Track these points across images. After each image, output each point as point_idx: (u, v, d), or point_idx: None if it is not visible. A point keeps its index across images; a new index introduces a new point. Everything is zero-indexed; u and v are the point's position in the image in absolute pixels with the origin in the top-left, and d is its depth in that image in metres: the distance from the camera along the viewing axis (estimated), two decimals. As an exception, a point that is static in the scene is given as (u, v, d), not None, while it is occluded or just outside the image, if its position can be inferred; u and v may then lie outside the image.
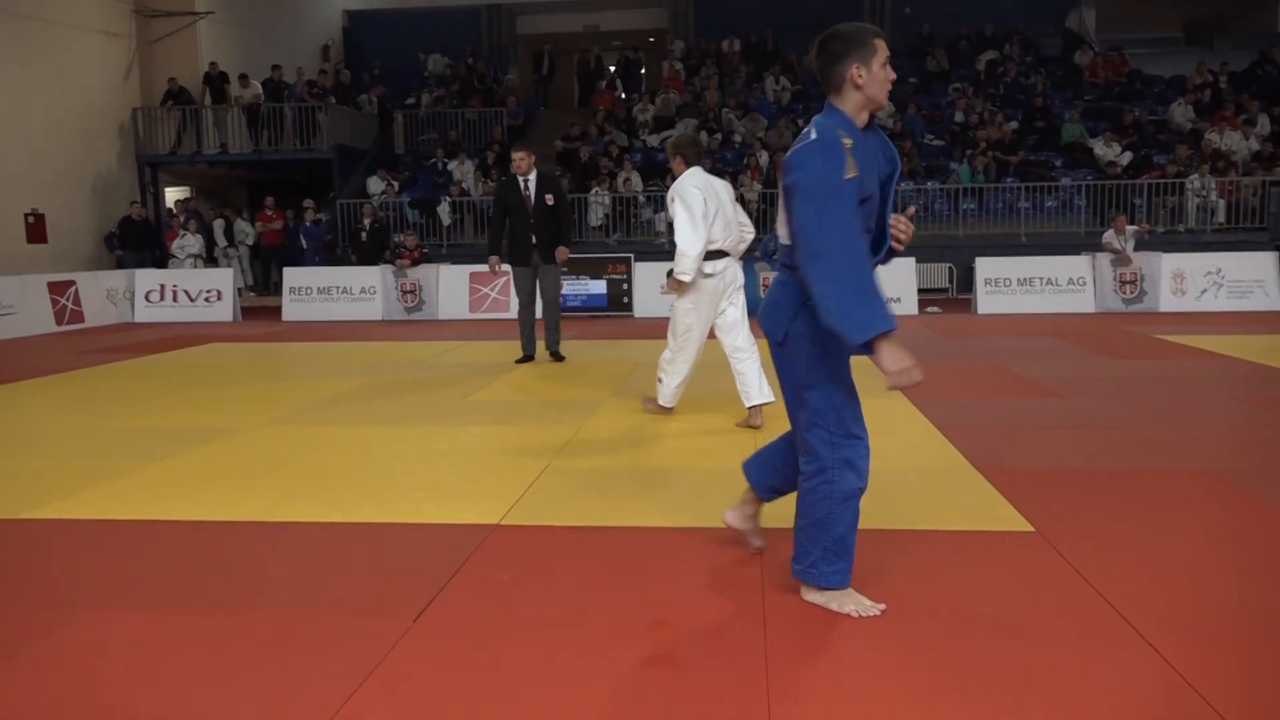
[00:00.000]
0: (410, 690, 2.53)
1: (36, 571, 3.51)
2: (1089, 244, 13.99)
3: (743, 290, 5.77)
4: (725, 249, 5.60)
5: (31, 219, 15.33)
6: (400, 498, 4.29)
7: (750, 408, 5.64)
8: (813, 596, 3.00)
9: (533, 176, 8.29)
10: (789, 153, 2.78)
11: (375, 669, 2.63)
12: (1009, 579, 3.23)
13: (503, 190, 8.55)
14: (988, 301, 13.04)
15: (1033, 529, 3.70)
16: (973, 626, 2.85)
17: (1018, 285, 13.06)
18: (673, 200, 5.54)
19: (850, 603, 2.95)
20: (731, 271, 5.68)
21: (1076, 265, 13.09)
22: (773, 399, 5.41)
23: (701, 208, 5.42)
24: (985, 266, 13.16)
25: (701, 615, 2.97)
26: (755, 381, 5.60)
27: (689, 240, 5.42)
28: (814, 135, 2.74)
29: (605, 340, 10.27)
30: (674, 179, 5.69)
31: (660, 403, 5.99)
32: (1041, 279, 13.06)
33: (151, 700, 2.50)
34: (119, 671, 2.67)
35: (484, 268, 13.39)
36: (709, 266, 5.59)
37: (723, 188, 5.67)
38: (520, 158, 8.28)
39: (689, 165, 5.65)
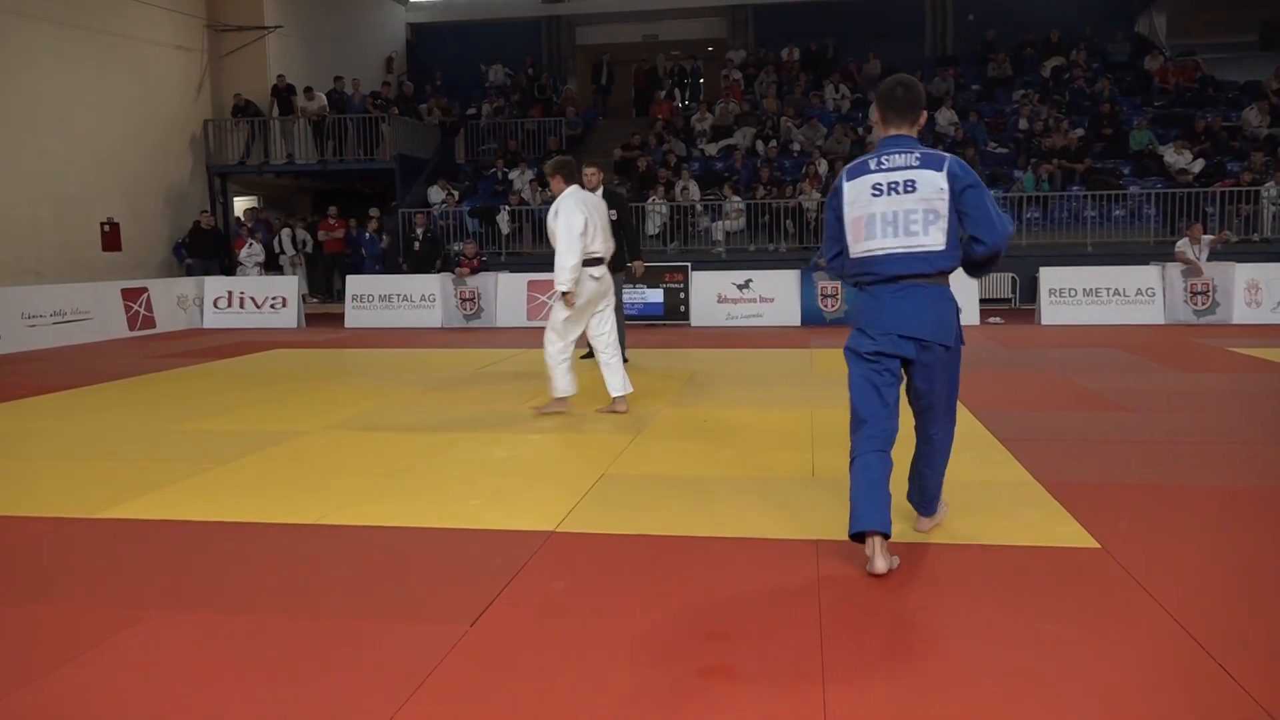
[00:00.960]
0: (465, 695, 2.55)
1: (107, 570, 3.62)
2: (1158, 254, 13.64)
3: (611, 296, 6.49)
4: (604, 257, 6.28)
5: (107, 228, 15.83)
6: (458, 503, 4.34)
7: (616, 397, 6.43)
8: (927, 525, 3.78)
9: (599, 192, 8.64)
10: (948, 166, 3.32)
11: (432, 673, 2.65)
12: (1074, 596, 3.15)
13: None
14: (1052, 312, 12.77)
15: (1098, 545, 3.60)
16: (1036, 644, 2.79)
17: (1083, 296, 12.77)
18: (555, 216, 6.11)
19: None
20: (609, 278, 6.40)
21: (1145, 275, 12.77)
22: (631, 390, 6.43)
23: (581, 225, 6.04)
24: (1050, 276, 12.90)
25: (757, 627, 2.95)
26: (620, 373, 6.43)
27: (565, 254, 6.01)
28: (947, 156, 3.37)
29: (662, 349, 10.27)
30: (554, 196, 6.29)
31: (558, 396, 6.45)
32: (1108, 289, 12.75)
33: (211, 701, 2.56)
34: (181, 671, 2.73)
35: (542, 276, 13.67)
36: (596, 271, 6.23)
37: (597, 203, 6.40)
38: (590, 174, 8.84)
39: (568, 184, 6.26)
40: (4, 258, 13.83)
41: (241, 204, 19.49)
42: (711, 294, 13.30)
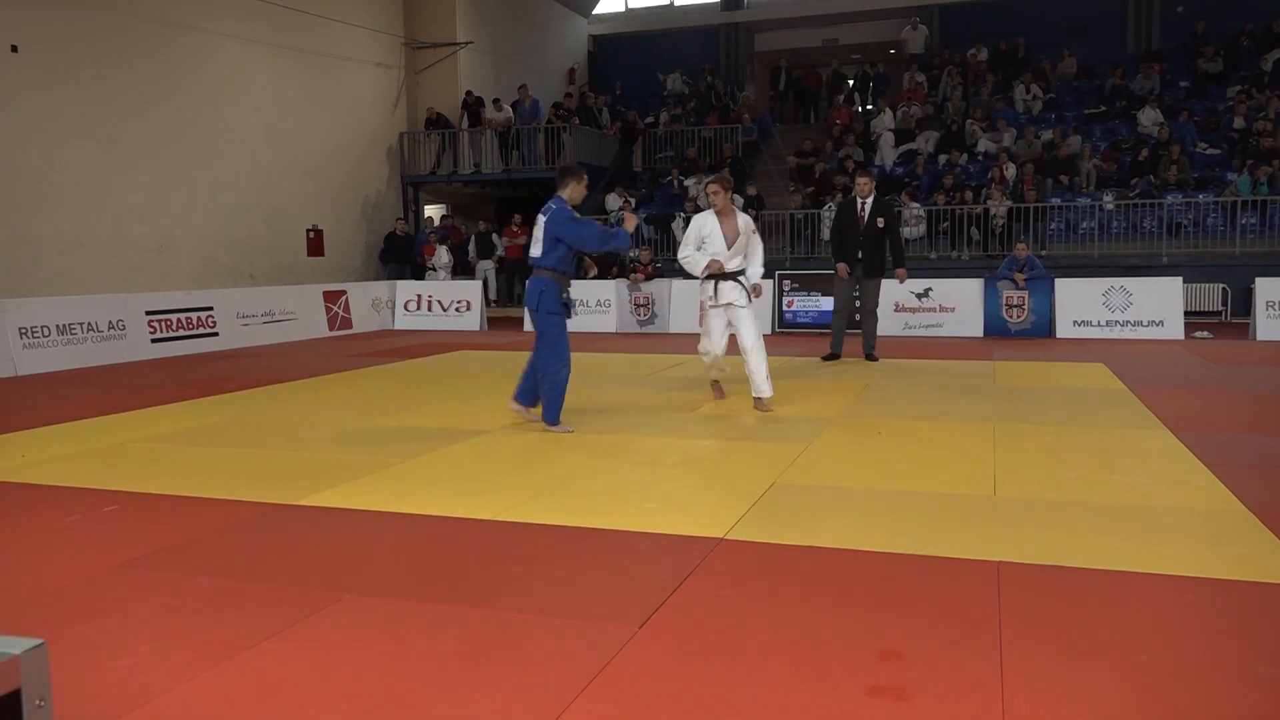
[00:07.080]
0: (632, 696, 2.58)
1: (309, 554, 3.88)
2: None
3: None
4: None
5: (312, 234, 17.01)
6: (630, 506, 4.40)
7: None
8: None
9: (870, 200, 9.47)
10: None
11: (601, 671, 2.70)
12: (1291, 638, 2.88)
13: (841, 209, 10.03)
14: (1270, 326, 11.71)
15: (1322, 584, 3.28)
16: (1250, 689, 2.56)
17: (1307, 309, 11.65)
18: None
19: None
20: None
21: (1382, 287, 11.52)
22: None
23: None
24: (1267, 288, 11.83)
25: (932, 648, 2.84)
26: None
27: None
28: None
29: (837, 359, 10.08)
30: None
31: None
32: (1337, 302, 11.58)
33: (392, 684, 2.69)
34: (368, 653, 2.89)
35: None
36: None
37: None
38: (864, 182, 9.66)
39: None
40: (224, 263, 15.10)
41: (434, 212, 20.52)
42: (889, 302, 12.89)
